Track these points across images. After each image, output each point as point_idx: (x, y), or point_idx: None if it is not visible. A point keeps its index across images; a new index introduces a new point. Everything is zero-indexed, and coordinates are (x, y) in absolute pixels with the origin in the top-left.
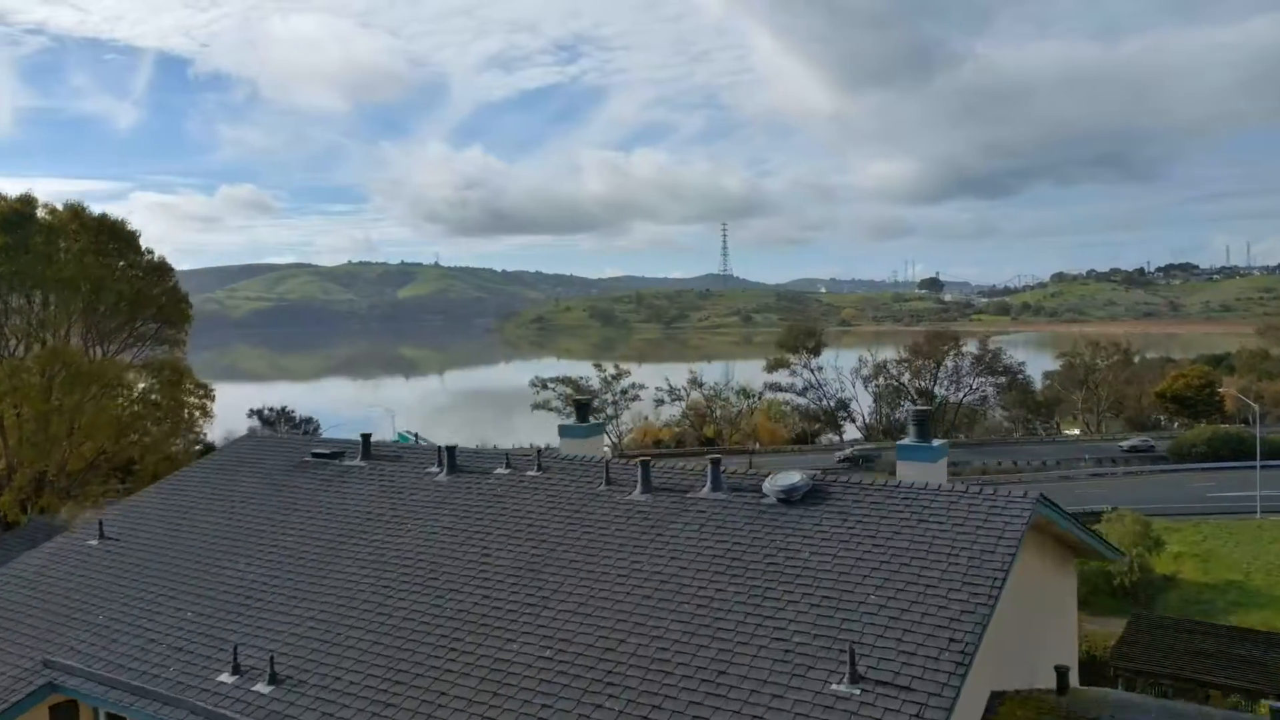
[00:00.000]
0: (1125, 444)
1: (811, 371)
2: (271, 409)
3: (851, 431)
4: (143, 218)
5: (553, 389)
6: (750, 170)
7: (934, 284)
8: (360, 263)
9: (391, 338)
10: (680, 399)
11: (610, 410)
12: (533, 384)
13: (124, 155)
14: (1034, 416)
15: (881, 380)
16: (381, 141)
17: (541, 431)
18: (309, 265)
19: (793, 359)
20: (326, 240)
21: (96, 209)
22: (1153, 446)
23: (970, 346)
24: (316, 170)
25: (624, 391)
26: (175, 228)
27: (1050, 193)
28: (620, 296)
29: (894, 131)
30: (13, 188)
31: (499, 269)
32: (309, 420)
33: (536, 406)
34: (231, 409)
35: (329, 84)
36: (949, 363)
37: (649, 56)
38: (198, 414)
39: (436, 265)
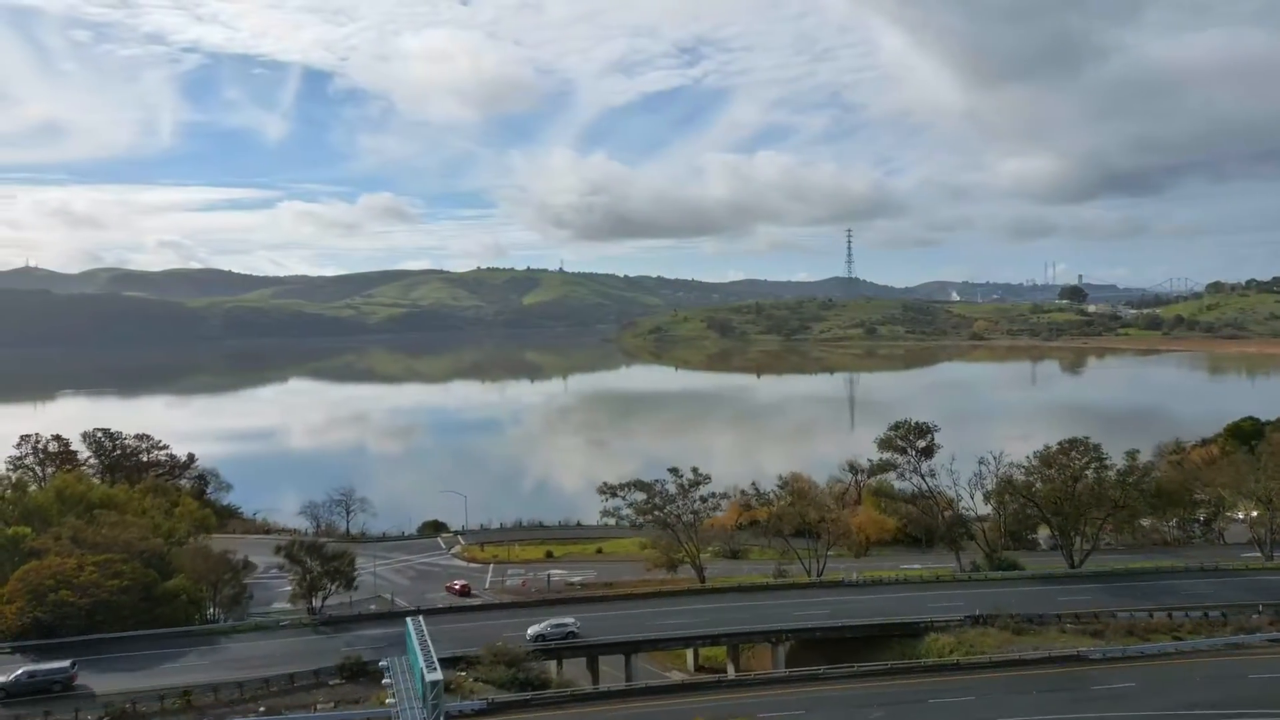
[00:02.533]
0: (531, 631)
1: (923, 477)
2: (301, 542)
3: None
4: (291, 225)
5: (622, 496)
6: (877, 170)
7: (1076, 293)
8: (488, 269)
9: (515, 343)
10: (769, 503)
11: (689, 518)
12: (601, 491)
13: (273, 165)
14: (1191, 514)
15: (1008, 497)
16: (510, 150)
17: (661, 438)
18: (440, 271)
19: (899, 459)
20: (459, 244)
21: (249, 216)
22: (573, 632)
23: (1117, 459)
24: (450, 177)
25: (703, 499)
26: (320, 234)
27: (1205, 190)
28: (739, 306)
29: (1034, 127)
30: (174, 197)
31: (621, 274)
32: (340, 558)
33: (605, 514)
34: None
35: (460, 96)
36: (1089, 474)
37: (770, 57)
38: None
39: (560, 271)
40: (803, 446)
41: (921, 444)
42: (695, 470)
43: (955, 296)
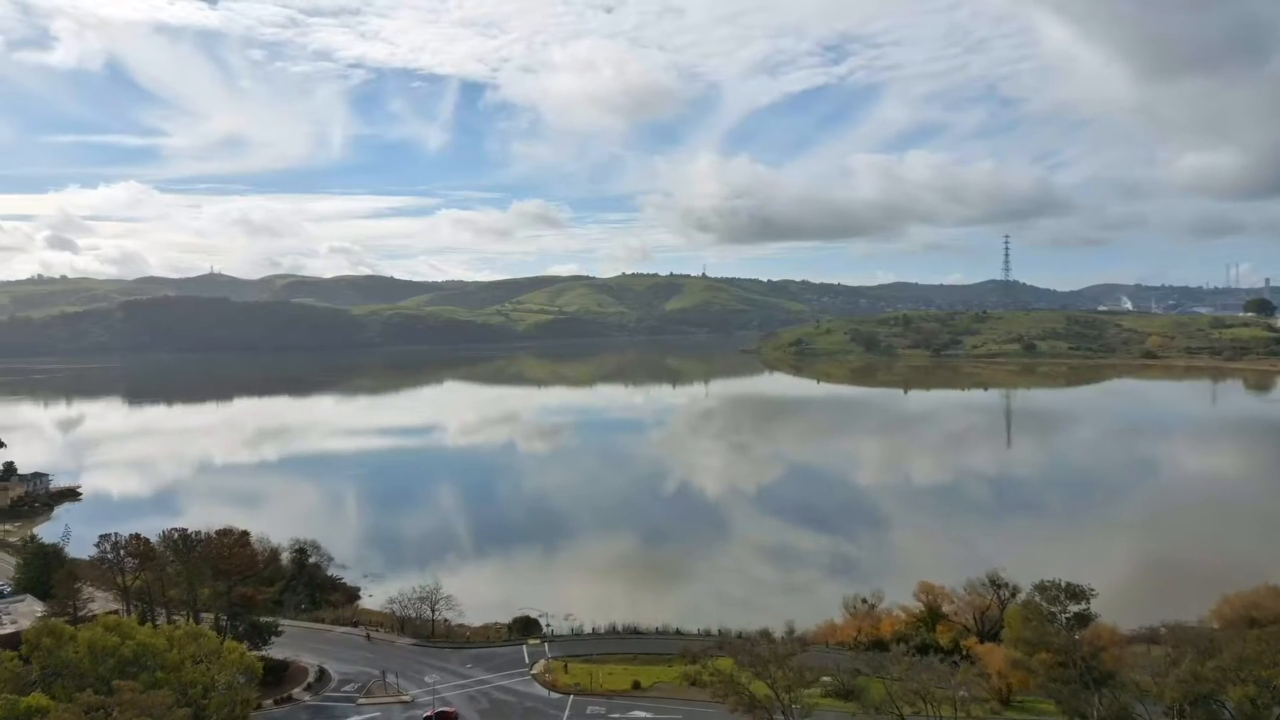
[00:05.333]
0: None
1: (1076, 666)
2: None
3: None
4: (449, 232)
5: (703, 664)
6: (1038, 166)
7: (1263, 306)
8: (632, 274)
9: (656, 350)
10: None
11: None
12: (683, 657)
13: (432, 174)
14: None
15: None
16: (655, 155)
17: (803, 442)
18: (586, 278)
19: (1047, 629)
20: (605, 249)
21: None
22: None
23: None
24: (596, 182)
25: (802, 674)
26: (476, 240)
27: None
28: (885, 318)
29: (1214, 120)
30: (344, 206)
31: (764, 278)
32: None
33: (692, 684)
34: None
35: (605, 105)
36: None
37: (920, 51)
38: None
39: (703, 277)
40: (952, 458)
41: (1075, 608)
42: (791, 631)
43: (1125, 301)
